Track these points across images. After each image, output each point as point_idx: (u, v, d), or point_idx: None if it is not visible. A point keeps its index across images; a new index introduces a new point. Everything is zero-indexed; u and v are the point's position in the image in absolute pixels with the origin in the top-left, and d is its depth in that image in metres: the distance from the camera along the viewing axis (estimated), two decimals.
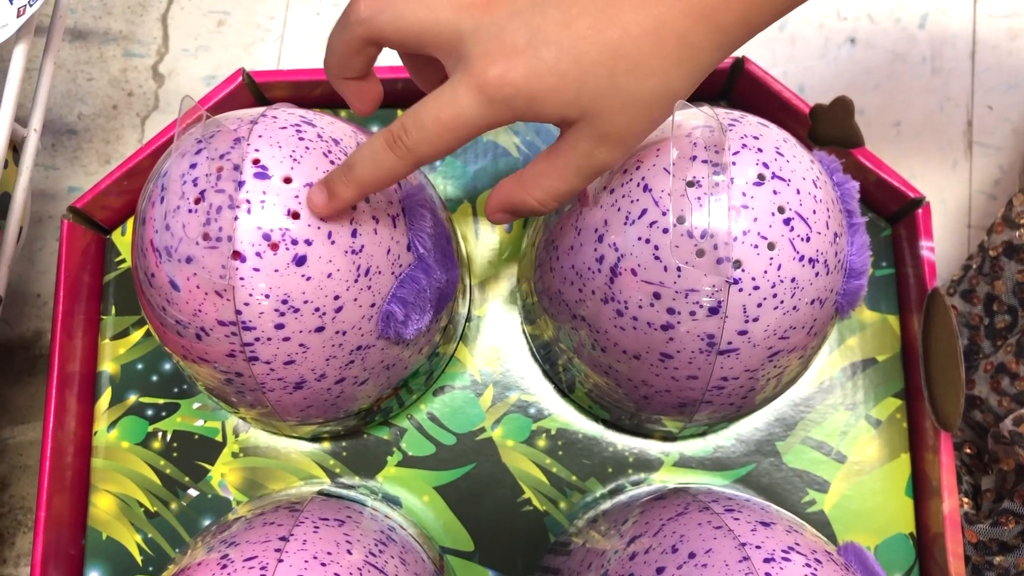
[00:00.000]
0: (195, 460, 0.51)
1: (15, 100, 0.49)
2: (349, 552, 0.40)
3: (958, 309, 0.52)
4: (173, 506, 0.50)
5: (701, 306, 0.36)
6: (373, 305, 0.39)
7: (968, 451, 0.51)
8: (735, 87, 0.52)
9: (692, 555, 0.37)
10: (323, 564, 0.38)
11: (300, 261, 0.36)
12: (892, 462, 0.50)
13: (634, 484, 0.50)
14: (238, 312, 0.37)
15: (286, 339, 0.38)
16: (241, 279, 0.36)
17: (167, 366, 0.52)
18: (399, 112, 0.52)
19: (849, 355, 0.51)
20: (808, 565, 0.36)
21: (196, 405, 0.51)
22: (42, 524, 0.48)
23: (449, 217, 0.47)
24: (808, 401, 0.50)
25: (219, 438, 0.51)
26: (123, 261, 0.53)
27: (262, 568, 0.37)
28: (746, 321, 0.36)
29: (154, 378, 0.52)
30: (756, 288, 0.36)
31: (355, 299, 0.38)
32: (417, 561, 0.44)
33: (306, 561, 0.38)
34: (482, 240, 0.53)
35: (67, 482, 0.50)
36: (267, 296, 0.36)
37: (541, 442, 0.51)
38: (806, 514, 0.49)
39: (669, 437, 0.50)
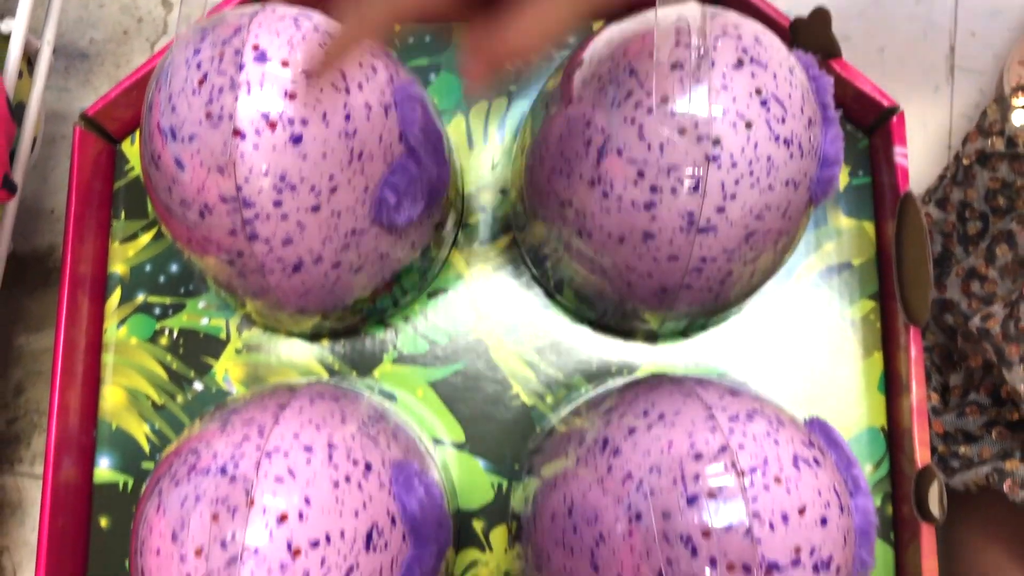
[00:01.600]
0: (200, 356, 0.53)
1: (29, 11, 0.51)
2: (343, 422, 0.42)
3: (932, 217, 0.54)
4: (179, 399, 0.53)
5: (682, 182, 0.38)
6: (366, 189, 0.42)
7: (938, 352, 0.53)
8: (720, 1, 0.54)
9: (661, 416, 0.39)
10: (317, 427, 0.41)
11: (296, 140, 0.39)
12: (865, 360, 0.52)
13: (616, 379, 0.52)
14: (238, 188, 0.39)
15: (284, 216, 0.40)
16: (241, 155, 0.38)
17: (174, 267, 0.54)
18: (396, 27, 0.55)
19: (826, 259, 0.53)
20: (771, 423, 0.38)
21: (202, 304, 0.54)
22: (55, 414, 0.50)
23: (440, 120, 0.49)
24: (785, 303, 0.52)
25: (223, 336, 0.54)
26: (132, 169, 0.55)
27: (260, 428, 0.40)
28: (724, 199, 0.39)
29: (162, 279, 0.54)
30: (734, 165, 0.38)
31: (349, 181, 0.41)
32: (408, 440, 0.46)
33: (301, 424, 0.41)
34: (474, 152, 0.55)
35: (79, 376, 0.52)
36: (265, 173, 0.39)
37: (530, 342, 0.53)
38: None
39: (651, 337, 0.53)
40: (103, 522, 0.52)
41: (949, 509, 0.54)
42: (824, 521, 0.36)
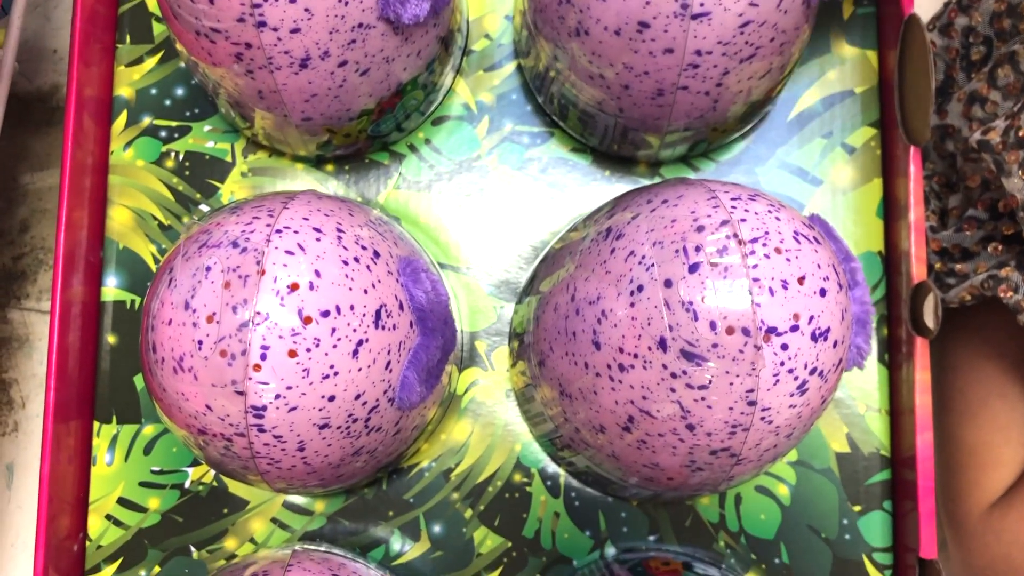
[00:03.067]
0: (206, 178, 0.54)
1: None
2: (351, 215, 0.43)
3: (936, 44, 0.54)
4: (185, 220, 0.54)
5: None
6: None
7: (937, 180, 0.53)
8: None
9: (665, 201, 0.40)
10: (326, 215, 0.41)
11: None
12: (865, 186, 0.52)
13: None
14: None
15: (292, 0, 0.40)
16: None
17: (180, 91, 0.54)
18: None
19: (828, 87, 0.53)
20: (771, 205, 0.39)
21: (208, 127, 0.54)
22: (62, 232, 0.51)
23: None
24: (787, 129, 0.53)
25: (228, 159, 0.54)
26: None
27: (270, 211, 0.41)
28: None
29: (167, 102, 0.54)
30: None
31: None
32: (411, 245, 0.47)
33: (310, 211, 0.41)
34: None
35: (86, 196, 0.53)
36: None
37: (533, 168, 0.54)
38: None
39: (654, 164, 0.53)
40: (111, 339, 0.53)
41: (944, 329, 0.55)
42: (823, 292, 0.37)
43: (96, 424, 0.52)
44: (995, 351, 0.52)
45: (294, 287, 0.38)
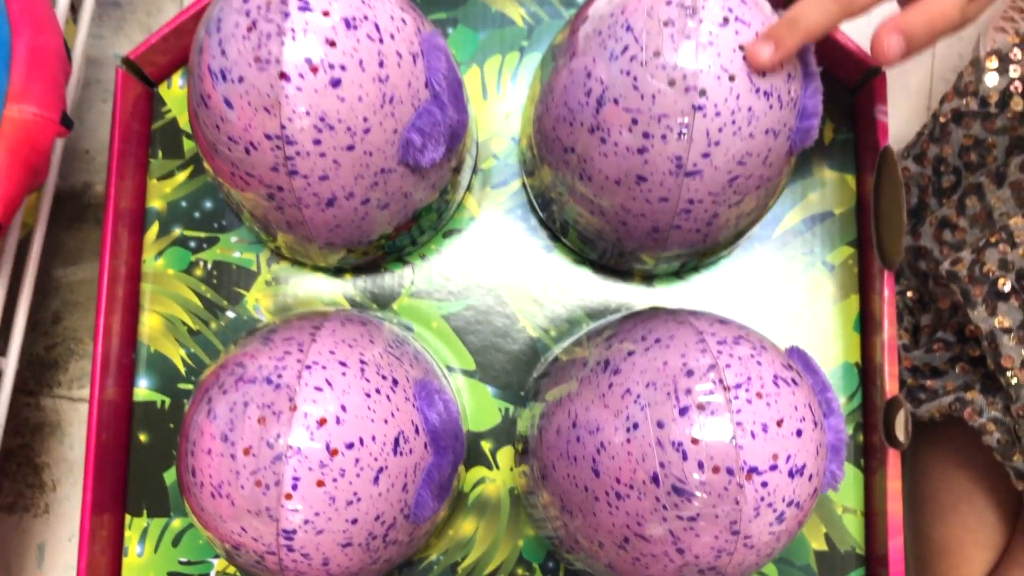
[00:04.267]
0: (232, 286, 0.58)
1: None
2: (371, 342, 0.47)
3: (910, 171, 0.58)
4: (213, 325, 0.58)
5: (671, 130, 0.43)
6: (395, 131, 0.46)
7: (911, 296, 0.58)
8: None
9: (658, 340, 0.44)
10: (350, 346, 0.45)
11: (336, 83, 0.43)
12: (843, 301, 0.57)
13: (616, 314, 0.57)
14: (282, 127, 0.43)
15: (322, 155, 0.45)
16: (286, 96, 0.43)
17: (208, 204, 0.58)
18: None
19: (809, 208, 0.57)
20: (754, 348, 0.43)
21: (234, 239, 0.58)
22: (100, 338, 0.55)
23: (459, 70, 0.53)
24: (772, 247, 0.57)
25: (254, 268, 0.58)
26: (168, 111, 0.59)
27: (299, 345, 0.45)
28: (709, 145, 0.43)
29: (196, 214, 0.58)
30: (718, 114, 0.42)
31: (381, 123, 0.45)
32: (426, 364, 0.51)
33: (336, 343, 0.45)
34: (488, 102, 0.59)
35: (120, 303, 0.57)
36: (307, 113, 0.43)
37: (536, 280, 0.58)
38: None
39: (648, 278, 0.57)
40: (142, 437, 0.57)
41: (916, 438, 0.59)
42: (799, 433, 0.41)
43: (128, 517, 0.56)
44: (964, 461, 0.56)
45: (322, 422, 0.42)
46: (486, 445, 0.56)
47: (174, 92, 0.60)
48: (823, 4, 0.42)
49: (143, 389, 0.57)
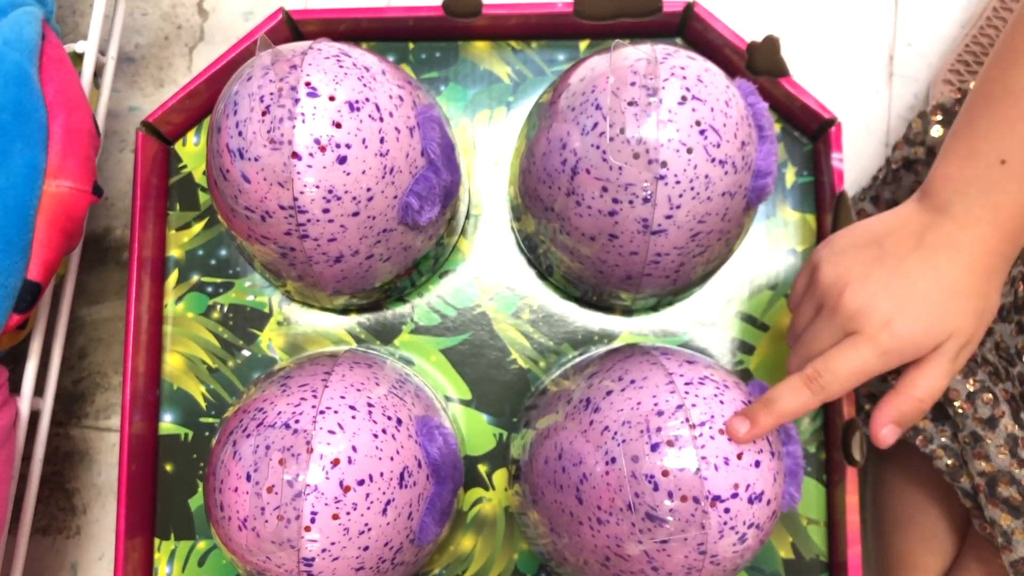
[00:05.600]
0: (247, 327, 0.63)
1: (99, 37, 0.60)
2: (377, 384, 0.52)
3: (867, 212, 0.64)
4: (230, 363, 0.63)
5: (637, 196, 0.48)
6: (395, 196, 0.51)
7: None
8: (688, 26, 0.63)
9: (632, 381, 0.49)
10: (358, 390, 0.51)
11: (342, 160, 0.48)
12: None
13: (598, 346, 0.62)
14: (295, 199, 0.49)
15: (330, 221, 0.50)
16: (298, 173, 0.48)
17: (223, 252, 0.64)
18: (411, 45, 0.64)
19: (773, 246, 0.63)
20: (718, 388, 0.48)
21: (247, 284, 0.63)
22: (128, 377, 0.60)
23: (451, 131, 0.59)
24: (739, 283, 0.63)
25: (266, 310, 0.63)
26: (184, 167, 0.65)
27: (313, 391, 0.50)
28: (671, 208, 0.48)
29: (212, 262, 0.64)
30: (678, 182, 0.48)
31: (382, 191, 0.50)
32: (427, 398, 0.56)
33: (345, 388, 0.51)
34: (479, 152, 0.64)
35: (144, 344, 0.62)
36: (317, 187, 0.48)
37: (525, 315, 0.63)
38: (735, 371, 0.62)
39: (627, 312, 0.63)
40: (168, 467, 0.62)
41: (878, 456, 0.65)
42: (757, 464, 0.47)
43: (156, 540, 0.62)
44: (919, 479, 0.62)
45: (336, 462, 0.47)
46: (482, 468, 0.62)
47: (189, 149, 0.65)
48: (797, 391, 0.47)
49: (167, 423, 0.63)
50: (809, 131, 0.63)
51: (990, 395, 0.56)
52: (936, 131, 0.60)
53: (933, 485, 0.62)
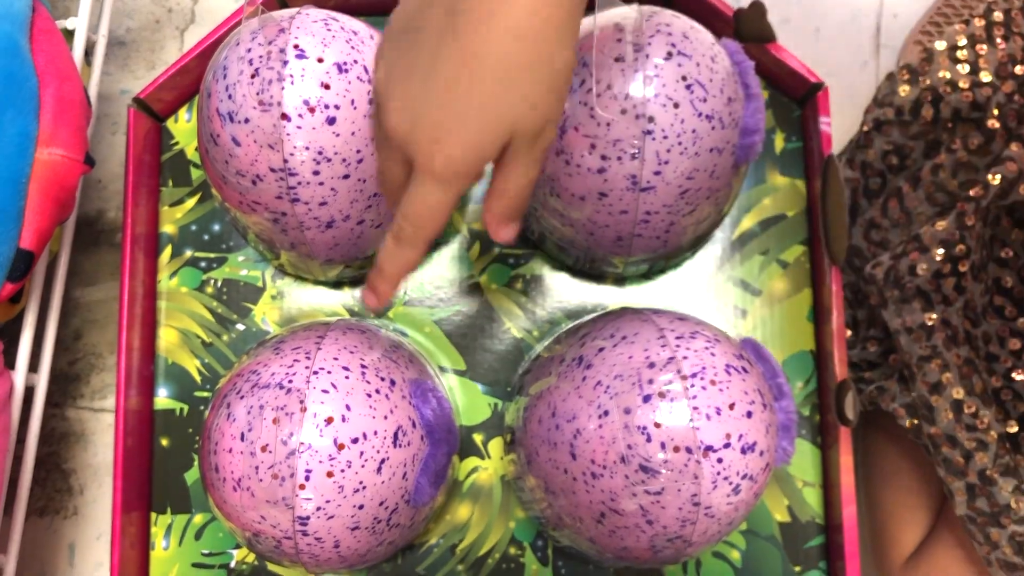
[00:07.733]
0: (241, 302, 0.63)
1: (89, 13, 0.61)
2: (370, 348, 0.53)
3: (846, 175, 0.64)
4: (224, 338, 0.63)
5: (625, 152, 0.48)
6: None
7: (850, 290, 0.63)
8: None
9: (624, 337, 0.50)
10: (351, 352, 0.51)
11: (331, 121, 0.49)
12: (797, 295, 0.62)
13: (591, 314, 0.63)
14: (285, 161, 0.49)
15: (321, 183, 0.50)
16: (287, 135, 0.48)
17: (216, 227, 0.64)
18: None
19: (764, 212, 0.63)
20: (708, 341, 0.49)
21: (241, 258, 0.64)
22: (123, 352, 0.60)
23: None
24: (731, 248, 0.63)
25: (260, 284, 0.63)
26: (176, 143, 0.65)
27: (307, 353, 0.50)
28: (659, 164, 0.49)
29: (205, 237, 0.64)
30: (665, 137, 0.48)
31: (372, 153, 0.51)
32: (420, 365, 0.56)
33: (338, 350, 0.51)
34: None
35: (138, 320, 0.62)
36: (307, 148, 0.49)
37: (518, 285, 0.63)
38: None
39: (620, 280, 0.63)
40: (163, 442, 0.62)
41: (866, 421, 0.65)
42: (749, 414, 0.47)
43: (153, 515, 0.62)
44: (896, 438, 0.63)
45: (330, 420, 0.47)
46: (478, 437, 0.62)
47: (181, 125, 0.65)
48: (393, 252, 0.43)
49: (163, 398, 0.63)
50: (797, 96, 0.64)
51: (939, 360, 0.57)
52: (903, 90, 0.60)
53: (907, 443, 0.62)
